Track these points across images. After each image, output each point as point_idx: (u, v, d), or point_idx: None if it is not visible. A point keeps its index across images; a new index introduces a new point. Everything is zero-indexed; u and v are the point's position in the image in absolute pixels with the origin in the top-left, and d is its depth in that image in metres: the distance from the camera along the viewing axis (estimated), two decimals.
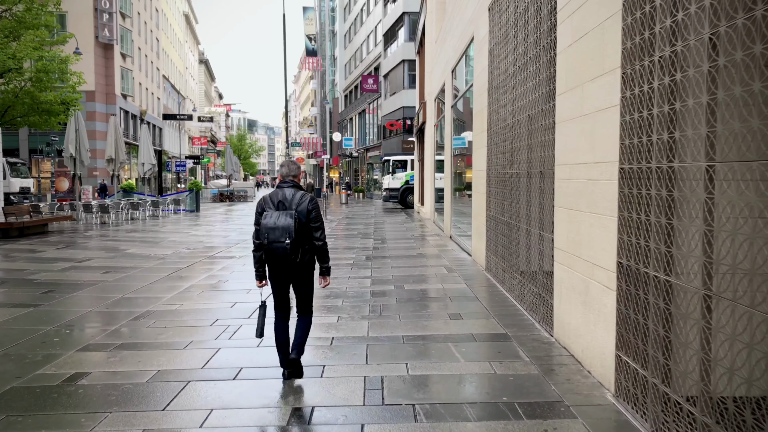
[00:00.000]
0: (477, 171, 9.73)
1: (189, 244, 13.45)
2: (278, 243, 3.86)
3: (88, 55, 35.52)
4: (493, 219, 8.27)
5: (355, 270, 9.18)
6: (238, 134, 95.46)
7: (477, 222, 9.72)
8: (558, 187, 5.14)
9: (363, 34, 51.08)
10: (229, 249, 12.45)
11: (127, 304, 6.98)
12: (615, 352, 3.87)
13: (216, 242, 13.86)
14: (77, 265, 10.07)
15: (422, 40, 23.74)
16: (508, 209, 7.34)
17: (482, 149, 9.17)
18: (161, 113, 53.87)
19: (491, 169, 8.44)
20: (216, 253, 11.78)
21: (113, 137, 21.42)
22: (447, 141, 14.30)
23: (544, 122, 5.69)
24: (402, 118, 37.23)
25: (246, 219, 22.02)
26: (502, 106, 7.70)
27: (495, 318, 6.04)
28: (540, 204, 5.87)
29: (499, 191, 7.87)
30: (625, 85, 3.74)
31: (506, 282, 7.38)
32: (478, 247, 9.66)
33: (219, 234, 16.05)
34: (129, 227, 17.97)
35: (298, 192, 4.09)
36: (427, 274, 8.95)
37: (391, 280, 8.31)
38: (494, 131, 8.22)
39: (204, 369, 4.59)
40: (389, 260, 10.33)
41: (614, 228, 3.87)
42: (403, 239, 14.08)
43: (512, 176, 7.07)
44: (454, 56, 12.84)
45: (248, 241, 13.87)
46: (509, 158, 7.25)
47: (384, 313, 6.36)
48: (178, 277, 8.93)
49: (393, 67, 39.61)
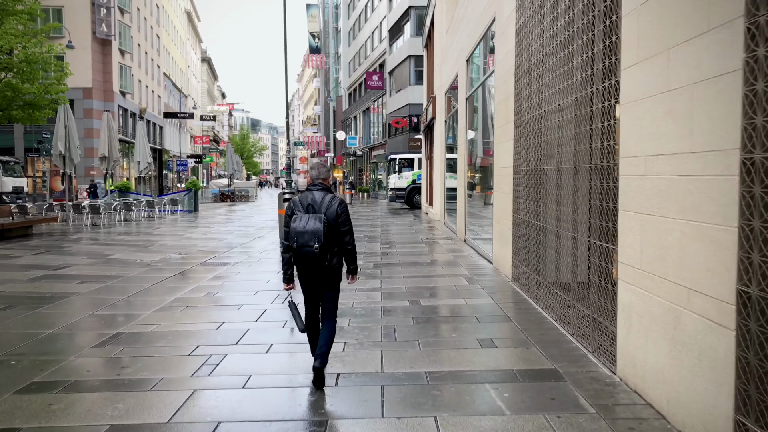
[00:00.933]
0: (500, 168, 8.64)
1: (182, 248, 12.39)
2: (307, 247, 3.84)
3: (85, 51, 34.57)
4: (523, 223, 7.17)
5: (363, 280, 8.10)
6: (240, 133, 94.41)
7: (500, 226, 8.63)
8: (625, 186, 4.04)
9: (367, 31, 49.98)
10: (225, 254, 11.39)
11: (95, 324, 5.92)
12: (734, 417, 2.78)
13: (211, 246, 12.80)
14: (51, 273, 9.01)
15: (430, 33, 22.65)
16: (543, 212, 6.24)
17: (507, 143, 8.08)
18: (162, 111, 52.91)
19: (520, 165, 7.34)
20: (209, 258, 10.72)
21: (106, 134, 20.42)
22: (461, 136, 13.21)
23: (600, 105, 4.59)
24: (408, 115, 36.13)
25: (245, 220, 20.97)
26: (535, 91, 6.61)
27: (536, 346, 4.95)
28: (593, 206, 4.77)
29: (531, 191, 6.77)
30: (754, 40, 2.65)
31: (541, 297, 6.28)
32: (501, 254, 8.57)
33: (215, 236, 15.00)
34: (121, 229, 16.94)
35: (327, 195, 4.05)
36: (445, 285, 7.86)
37: (404, 294, 7.22)
38: (524, 122, 7.12)
39: (170, 423, 3.52)
40: (400, 268, 9.25)
41: (731, 242, 2.78)
42: (412, 243, 13.00)
43: (550, 173, 5.98)
44: (470, 44, 11.74)
45: (244, 245, 12.80)
46: (545, 152, 6.15)
47: (400, 337, 5.28)
48: (162, 288, 7.87)
49: (399, 63, 38.51)
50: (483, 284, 7.79)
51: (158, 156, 51.54)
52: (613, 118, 4.32)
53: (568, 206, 5.43)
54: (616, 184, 4.23)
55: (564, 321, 5.46)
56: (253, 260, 10.47)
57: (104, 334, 5.46)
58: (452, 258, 10.40)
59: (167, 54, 58.03)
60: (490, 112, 10.51)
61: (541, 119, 6.32)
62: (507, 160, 8.09)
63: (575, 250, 5.19)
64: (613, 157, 4.35)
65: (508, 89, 7.97)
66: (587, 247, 4.92)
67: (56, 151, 17.69)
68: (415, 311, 6.28)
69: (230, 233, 15.93)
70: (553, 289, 5.88)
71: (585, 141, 4.98)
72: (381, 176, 43.89)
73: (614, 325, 4.25)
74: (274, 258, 10.86)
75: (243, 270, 9.38)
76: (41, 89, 19.26)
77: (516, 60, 7.48)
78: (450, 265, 9.63)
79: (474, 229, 12.43)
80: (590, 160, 4.80)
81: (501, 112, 8.52)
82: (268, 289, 7.73)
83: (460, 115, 13.21)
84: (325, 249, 3.88)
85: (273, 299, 7.03)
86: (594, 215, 4.72)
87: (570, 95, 5.36)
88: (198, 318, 6.17)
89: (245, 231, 16.47)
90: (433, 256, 10.81)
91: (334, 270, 4.04)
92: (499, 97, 8.72)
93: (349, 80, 57.60)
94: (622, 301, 4.11)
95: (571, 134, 5.37)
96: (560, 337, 5.21)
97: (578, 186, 5.12)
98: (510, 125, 7.86)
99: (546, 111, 6.12)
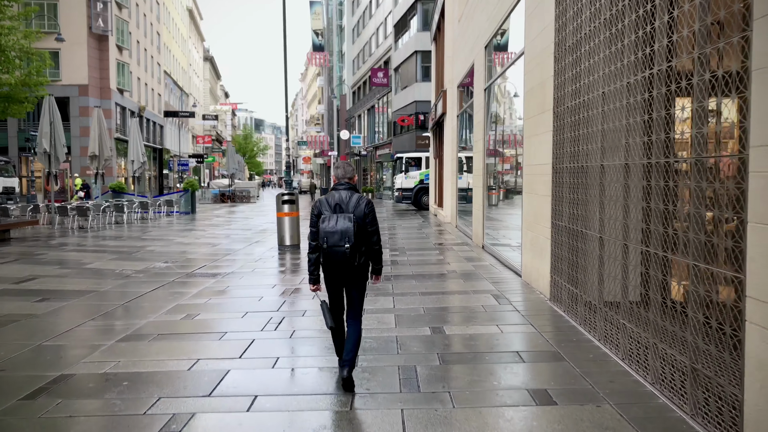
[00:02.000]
0: (532, 166, 7.38)
1: (169, 255, 11.17)
2: (338, 247, 3.81)
3: (81, 47, 33.49)
4: (567, 232, 5.92)
5: (371, 298, 6.87)
6: (243, 132, 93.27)
7: (532, 233, 7.37)
8: (757, 188, 2.80)
9: (372, 27, 48.72)
10: (215, 262, 10.17)
11: (33, 362, 4.68)
12: None
13: (202, 253, 11.58)
14: (10, 288, 7.79)
15: (440, 25, 21.40)
16: (602, 219, 4.98)
17: (542, 136, 6.83)
18: (162, 110, 51.80)
19: (562, 162, 6.08)
20: (197, 268, 9.49)
21: (96, 132, 19.24)
22: (478, 131, 11.95)
23: (709, 76, 3.33)
24: (414, 113, 34.88)
25: (244, 222, 19.76)
26: (585, 71, 5.36)
27: (609, 402, 3.70)
28: (694, 215, 3.51)
29: (580, 193, 5.51)
30: None
31: (598, 327, 5.02)
32: (534, 266, 7.31)
33: (208, 241, 13.78)
34: (108, 233, 15.74)
35: (354, 195, 4.01)
36: (470, 305, 6.61)
37: (423, 317, 5.97)
38: (568, 109, 5.87)
39: None
40: (414, 281, 8.00)
41: None
42: (425, 249, 11.75)
43: (614, 171, 4.72)
44: (490, 28, 10.49)
45: (239, 252, 11.57)
46: (608, 144, 4.89)
47: (424, 385, 4.03)
48: (135, 308, 6.65)
49: (405, 59, 37.25)
50: (515, 304, 6.53)
51: (159, 155, 50.46)
52: (734, 90, 3.07)
53: (640, 213, 4.17)
54: (741, 186, 2.98)
55: (637, 362, 4.20)
56: (247, 271, 9.24)
57: (39, 379, 4.23)
58: (472, 268, 9.14)
59: (168, 52, 56.92)
60: (512, 103, 9.26)
61: (595, 104, 5.06)
62: (542, 156, 6.84)
63: (665, 273, 3.93)
64: (727, 147, 3.10)
65: (544, 73, 6.72)
66: (686, 271, 3.67)
67: (41, 149, 16.51)
68: (440, 344, 5.03)
69: (226, 237, 14.71)
70: (615, 318, 4.63)
71: (678, 126, 3.72)
72: (386, 176, 42.67)
73: (737, 386, 3.00)
74: (271, 268, 9.63)
75: (233, 283, 8.16)
76: (18, 81, 18.04)
77: (556, 36, 6.22)
78: (471, 277, 8.37)
79: (492, 234, 11.18)
80: (695, 150, 3.54)
81: (533, 100, 7.27)
82: (259, 309, 6.49)
83: (477, 108, 11.95)
84: (355, 249, 3.85)
85: (264, 324, 5.80)
86: (696, 227, 3.47)
87: (639, 71, 4.10)
88: (168, 353, 4.93)
89: (242, 235, 15.25)
90: (449, 265, 9.56)
91: (362, 270, 4.01)
92: (530, 84, 7.47)
93: (353, 78, 56.36)
94: (752, 353, 2.86)
95: (641, 121, 4.11)
96: (637, 387, 3.95)
97: (666, 188, 3.86)
98: (547, 115, 6.61)
99: (607, 93, 4.86)
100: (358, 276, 4.01)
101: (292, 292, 7.46)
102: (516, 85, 8.95)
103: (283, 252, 11.56)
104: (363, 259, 3.96)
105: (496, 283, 7.82)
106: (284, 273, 9.24)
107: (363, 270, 4.02)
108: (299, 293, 7.38)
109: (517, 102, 9.06)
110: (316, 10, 74.43)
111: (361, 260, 3.93)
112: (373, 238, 3.99)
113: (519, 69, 8.50)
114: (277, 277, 8.89)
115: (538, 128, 7.00)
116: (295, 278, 8.59)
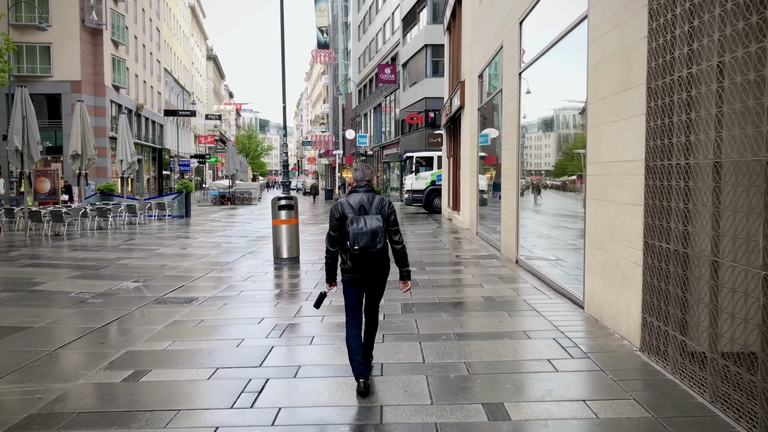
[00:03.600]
0: (604, 163, 5.54)
1: (143, 271, 9.39)
2: (370, 248, 3.78)
3: (73, 41, 31.83)
4: (677, 257, 4.06)
5: (392, 343, 5.04)
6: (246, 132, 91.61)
7: (608, 255, 5.50)
8: None
9: (379, 22, 46.89)
10: (196, 281, 8.38)
11: None
12: None
13: (183, 268, 9.79)
14: None
15: (455, 12, 19.56)
16: (726, 239, 3.12)
17: (625, 121, 4.99)
18: (162, 109, 50.16)
19: (663, 157, 4.23)
20: (171, 291, 7.68)
21: (79, 128, 17.51)
22: (509, 123, 10.10)
23: None
24: (424, 110, 33.02)
25: (240, 228, 17.97)
26: (706, 26, 3.52)
27: None
28: None
29: (698, 200, 3.67)
30: None
31: (752, 414, 3.16)
32: (611, 299, 5.45)
33: (195, 252, 11.99)
34: (84, 241, 13.98)
35: (375, 196, 4.01)
36: (532, 357, 4.75)
37: (469, 383, 4.12)
38: (680, 81, 4.02)
39: None
40: (444, 314, 6.16)
41: None
42: (447, 264, 9.92)
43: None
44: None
45: (228, 266, 9.77)
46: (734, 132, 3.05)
47: None
48: (63, 359, 4.85)
49: (414, 54, 35.40)
50: (594, 357, 4.67)
51: (158, 155, 48.79)
52: None
53: None
54: None
55: None
56: (231, 294, 7.43)
57: None
58: (512, 293, 7.29)
59: (168, 49, 55.30)
60: (560, 87, 7.42)
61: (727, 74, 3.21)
62: (625, 150, 4.99)
63: None
64: None
65: (628, 36, 4.89)
66: None
67: (12, 146, 14.76)
68: None
69: (216, 247, 12.92)
70: None
71: None
72: (395, 176, 40.88)
73: None
74: (262, 291, 7.82)
75: (210, 316, 6.34)
76: None
77: None
78: (515, 307, 6.53)
79: (527, 246, 9.34)
80: None
81: (606, 75, 5.43)
82: (235, 363, 4.66)
83: (509, 97, 10.10)
84: (385, 248, 3.86)
85: (241, 388, 4.00)
86: None
87: None
88: None
89: (235, 243, 13.46)
90: (483, 288, 7.71)
91: (387, 270, 4.03)
92: (599, 55, 5.62)
93: (359, 76, 54.59)
94: None
95: None
96: None
97: None
98: (634, 93, 4.77)
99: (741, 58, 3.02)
100: (384, 277, 4.07)
101: (285, 329, 5.64)
102: (570, 62, 7.10)
103: (279, 267, 9.76)
104: (387, 260, 4.00)
105: (553, 317, 5.97)
106: (279, 299, 7.42)
107: (387, 271, 4.06)
108: (294, 331, 5.57)
109: (568, 84, 7.22)
110: (321, 7, 72.73)
111: (387, 262, 3.99)
112: (396, 237, 4.00)
113: (573, 41, 6.66)
114: (267, 305, 7.07)
115: (618, 112, 5.16)
116: (291, 307, 6.77)
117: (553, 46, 7.57)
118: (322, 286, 7.33)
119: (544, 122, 8.62)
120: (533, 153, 9.27)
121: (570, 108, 7.33)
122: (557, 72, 7.76)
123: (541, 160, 8.93)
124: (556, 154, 8.06)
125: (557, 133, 8.02)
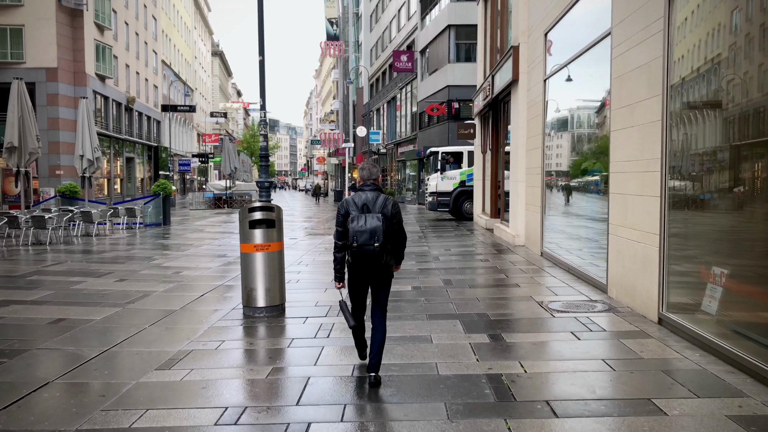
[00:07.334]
0: None
1: (10, 333, 5.40)
2: (368, 245, 3.87)
3: (48, 23, 28.09)
4: None
5: None
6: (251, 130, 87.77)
7: None
8: None
9: (393, 9, 42.76)
10: (86, 364, 4.34)
11: None
12: None
13: (84, 328, 5.76)
14: None
15: None
16: None
17: None
18: (159, 104, 46.46)
19: None
20: (18, 400, 3.66)
21: (15, 113, 13.58)
22: (656, 82, 5.96)
23: None
24: (447, 100, 28.94)
25: (221, 242, 13.92)
26: None
27: None
28: None
29: None
30: None
31: None
32: None
33: (132, 288, 7.93)
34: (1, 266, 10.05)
35: (380, 195, 4.09)
36: None
37: None
38: None
39: None
40: None
41: None
42: (532, 325, 5.85)
43: None
44: None
45: (163, 322, 5.72)
46: None
47: None
48: None
49: (434, 38, 31.30)
50: None
51: (154, 153, 44.99)
52: None
53: None
54: None
55: None
56: (127, 420, 3.38)
57: None
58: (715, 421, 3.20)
59: (167, 40, 51.61)
60: None
61: None
62: None
63: None
64: None
65: None
66: None
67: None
68: None
69: (167, 278, 8.85)
70: None
71: None
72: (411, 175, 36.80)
73: None
74: (194, 404, 3.74)
75: None
76: None
77: None
78: None
79: (678, 290, 5.23)
80: None
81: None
82: None
83: (632, 53, 5.97)
84: (383, 247, 3.91)
85: None
86: None
87: None
88: None
89: (200, 271, 9.46)
90: (625, 385, 3.62)
91: (388, 268, 4.11)
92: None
93: (371, 69, 50.50)
94: None
95: None
96: None
97: None
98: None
99: None
100: (385, 274, 4.11)
101: None
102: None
103: (250, 325, 5.75)
104: (389, 258, 4.06)
105: None
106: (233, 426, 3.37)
107: (389, 268, 4.12)
108: None
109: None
110: None
111: (388, 259, 4.04)
112: (398, 235, 4.08)
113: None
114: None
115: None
116: None
117: None
118: (331, 380, 3.62)
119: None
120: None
121: None
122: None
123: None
124: None
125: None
